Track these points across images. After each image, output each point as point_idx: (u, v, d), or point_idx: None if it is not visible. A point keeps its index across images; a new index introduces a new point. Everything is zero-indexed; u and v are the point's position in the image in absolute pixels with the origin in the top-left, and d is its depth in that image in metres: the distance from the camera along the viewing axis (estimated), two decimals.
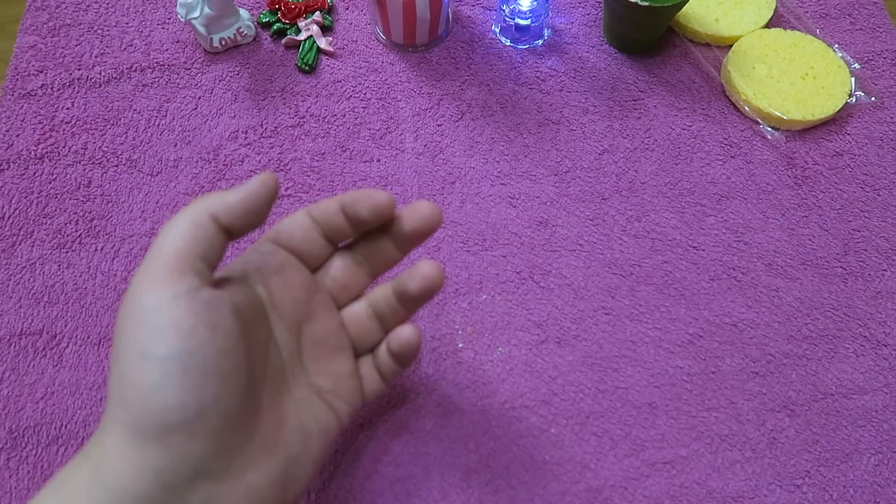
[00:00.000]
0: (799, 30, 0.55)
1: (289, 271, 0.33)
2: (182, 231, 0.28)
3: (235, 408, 0.27)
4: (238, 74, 0.53)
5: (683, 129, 0.52)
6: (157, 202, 0.48)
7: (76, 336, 0.44)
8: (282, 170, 0.50)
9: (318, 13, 0.55)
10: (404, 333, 0.34)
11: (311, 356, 0.34)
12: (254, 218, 0.30)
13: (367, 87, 0.53)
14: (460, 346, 0.44)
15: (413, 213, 0.33)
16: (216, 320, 0.27)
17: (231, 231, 0.30)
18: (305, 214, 0.34)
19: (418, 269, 0.33)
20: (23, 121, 0.51)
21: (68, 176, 0.49)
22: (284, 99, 0.52)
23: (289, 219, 0.34)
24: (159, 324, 0.26)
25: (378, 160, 0.50)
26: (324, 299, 0.35)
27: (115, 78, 0.53)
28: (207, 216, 0.29)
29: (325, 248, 0.34)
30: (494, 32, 0.56)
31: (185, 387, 0.26)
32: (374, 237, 0.35)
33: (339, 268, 0.35)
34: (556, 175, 0.50)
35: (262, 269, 0.33)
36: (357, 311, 0.36)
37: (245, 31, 0.53)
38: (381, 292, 0.36)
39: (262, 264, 0.33)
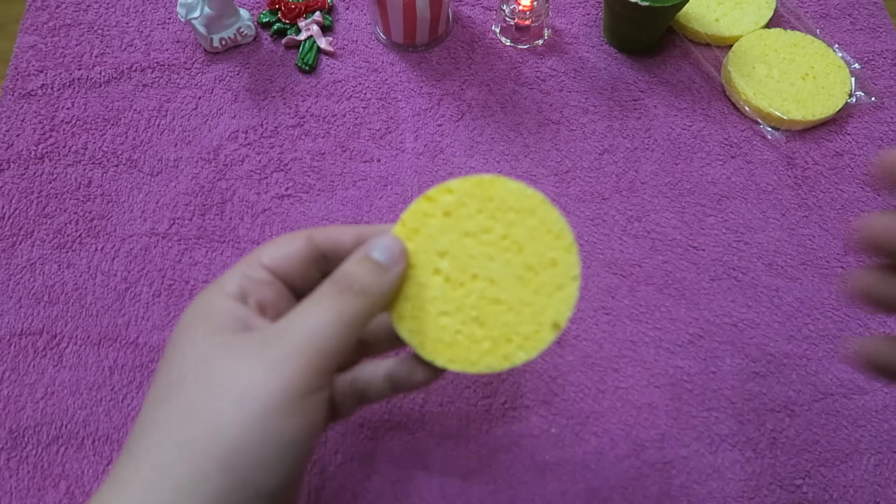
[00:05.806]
0: (799, 30, 0.55)
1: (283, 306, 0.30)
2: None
3: None
4: (238, 74, 0.53)
5: (683, 129, 0.52)
6: (157, 202, 0.48)
7: (76, 336, 0.44)
8: (282, 170, 0.50)
9: (318, 13, 0.55)
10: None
11: None
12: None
13: (367, 87, 0.53)
14: None
15: None
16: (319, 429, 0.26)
17: None
18: (307, 243, 0.30)
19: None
20: (23, 121, 0.51)
21: (68, 176, 0.49)
22: (284, 99, 0.52)
23: (287, 244, 0.30)
24: (282, 454, 0.24)
25: (378, 160, 0.50)
26: None
27: (115, 78, 0.53)
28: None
29: (318, 280, 0.30)
30: (494, 32, 0.56)
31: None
32: None
33: None
34: (556, 175, 0.50)
35: (265, 306, 0.29)
36: None
37: (245, 31, 0.53)
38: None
39: (263, 298, 0.29)
